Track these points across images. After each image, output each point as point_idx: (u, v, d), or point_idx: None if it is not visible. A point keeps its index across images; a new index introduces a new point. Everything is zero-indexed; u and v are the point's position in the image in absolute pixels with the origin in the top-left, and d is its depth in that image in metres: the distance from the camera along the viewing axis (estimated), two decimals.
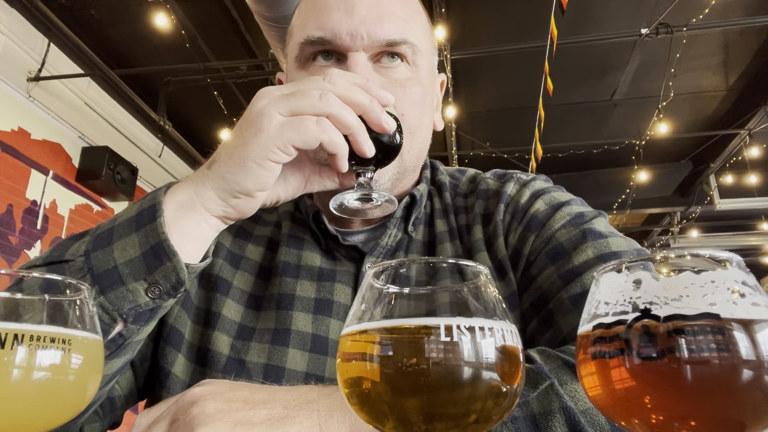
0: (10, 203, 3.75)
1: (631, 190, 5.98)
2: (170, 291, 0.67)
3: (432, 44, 0.95)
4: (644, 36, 3.85)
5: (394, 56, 0.84)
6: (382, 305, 0.39)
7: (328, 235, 0.88)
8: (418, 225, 0.93)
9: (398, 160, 0.83)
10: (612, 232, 0.80)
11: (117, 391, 0.82)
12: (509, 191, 0.91)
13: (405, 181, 0.91)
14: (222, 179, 0.69)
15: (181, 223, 0.68)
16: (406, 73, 0.85)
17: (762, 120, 5.13)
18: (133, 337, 0.69)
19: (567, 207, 0.85)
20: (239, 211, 0.72)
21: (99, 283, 0.65)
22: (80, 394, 0.46)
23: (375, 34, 0.81)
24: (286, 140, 0.66)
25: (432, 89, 0.93)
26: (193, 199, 0.69)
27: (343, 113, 0.67)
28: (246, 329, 0.84)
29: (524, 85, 4.75)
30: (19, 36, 3.87)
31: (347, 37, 0.80)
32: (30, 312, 0.44)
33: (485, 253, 0.86)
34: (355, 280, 0.87)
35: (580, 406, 0.54)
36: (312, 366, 0.81)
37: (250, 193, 0.70)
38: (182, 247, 0.67)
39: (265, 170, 0.67)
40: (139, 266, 0.66)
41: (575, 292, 0.74)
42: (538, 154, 3.99)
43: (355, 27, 0.80)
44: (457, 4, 4.11)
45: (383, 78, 0.83)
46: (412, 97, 0.84)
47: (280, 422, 0.52)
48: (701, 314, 0.33)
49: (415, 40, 0.85)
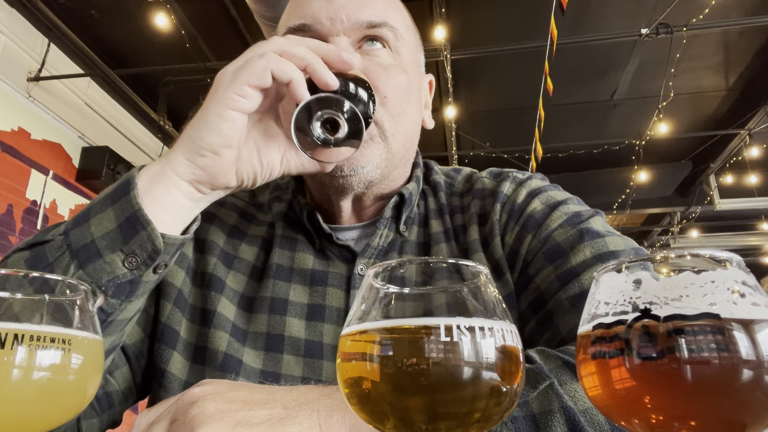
0: (10, 203, 3.75)
1: (631, 190, 5.98)
2: (147, 261, 0.68)
3: (416, 42, 0.96)
4: (644, 36, 3.85)
5: (375, 41, 0.85)
6: (382, 305, 0.39)
7: (322, 234, 0.88)
8: (412, 225, 0.93)
9: (383, 145, 0.83)
10: (609, 231, 0.80)
11: (114, 386, 0.82)
12: (505, 190, 0.90)
13: (394, 174, 0.90)
14: (188, 139, 0.71)
15: (153, 193, 0.69)
16: (388, 59, 0.86)
17: (762, 120, 5.13)
18: (116, 315, 0.69)
19: (564, 206, 0.85)
20: (208, 173, 0.71)
21: (77, 257, 0.66)
22: (80, 394, 0.46)
23: (355, 17, 0.83)
24: (238, 83, 0.68)
25: (418, 83, 0.93)
26: (163, 167, 0.71)
27: (283, 64, 0.68)
28: (239, 330, 0.83)
29: (524, 85, 4.75)
30: (19, 36, 3.87)
31: (327, 21, 0.82)
32: (30, 312, 0.44)
33: (482, 254, 0.86)
34: (348, 282, 0.86)
35: (579, 406, 0.54)
36: (308, 371, 0.81)
37: (215, 150, 0.70)
38: (156, 216, 0.68)
39: (225, 121, 0.68)
40: (115, 238, 0.67)
41: (573, 292, 0.73)
42: (538, 154, 3.99)
43: (335, 11, 0.82)
44: (457, 4, 4.11)
45: (365, 60, 0.83)
46: (395, 81, 0.85)
47: (280, 422, 0.52)
48: (701, 314, 0.33)
49: (396, 24, 0.86)
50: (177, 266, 0.86)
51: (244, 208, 0.98)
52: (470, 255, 0.86)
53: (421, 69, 0.97)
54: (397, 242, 0.90)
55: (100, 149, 4.37)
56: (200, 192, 0.73)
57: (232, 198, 0.99)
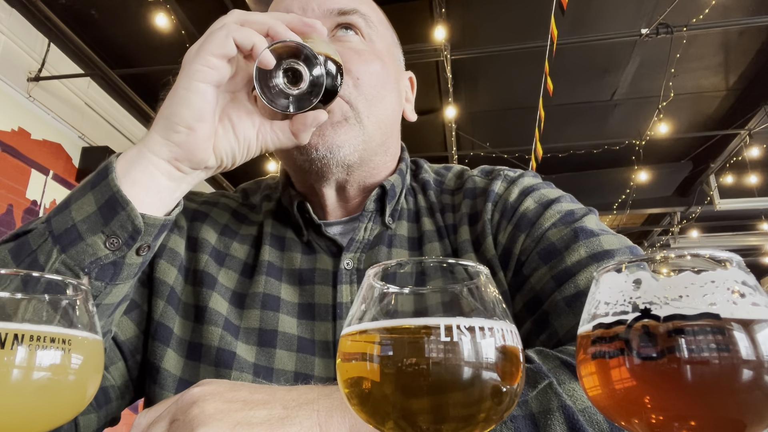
0: (11, 203, 3.75)
1: (631, 190, 5.98)
2: (128, 241, 0.68)
3: (392, 38, 0.99)
4: (644, 36, 3.85)
5: (348, 29, 0.88)
6: (382, 305, 0.39)
7: (310, 225, 0.89)
8: (401, 220, 0.93)
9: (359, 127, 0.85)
10: (603, 229, 0.80)
11: (110, 381, 0.82)
12: (497, 189, 0.90)
13: (375, 162, 0.90)
14: (162, 118, 0.72)
15: (131, 174, 0.70)
16: (361, 45, 0.88)
17: (762, 120, 5.12)
18: (101, 298, 0.69)
19: (557, 204, 0.84)
20: (185, 149, 0.71)
21: (60, 242, 0.66)
22: (80, 394, 0.46)
23: (325, 5, 0.87)
24: (203, 54, 0.69)
25: (395, 73, 0.94)
26: (140, 149, 0.72)
27: (244, 31, 0.70)
28: (231, 325, 0.84)
29: (524, 85, 4.75)
30: (19, 36, 3.87)
31: (299, 11, 0.85)
32: (30, 312, 0.44)
33: (473, 254, 0.86)
34: (334, 278, 0.87)
35: (578, 405, 0.54)
36: (300, 365, 0.81)
37: (188, 125, 0.70)
38: (135, 197, 0.68)
39: (194, 93, 0.70)
40: (95, 220, 0.67)
41: (569, 293, 0.73)
42: (538, 154, 3.99)
43: (306, 1, 0.86)
44: (457, 4, 4.11)
45: (338, 45, 0.85)
46: (369, 65, 0.86)
47: (280, 422, 0.52)
48: (701, 314, 0.33)
49: (367, 11, 0.89)
50: (169, 264, 0.86)
51: (237, 208, 0.99)
52: (461, 256, 0.86)
53: (400, 65, 1.00)
54: (384, 236, 0.90)
55: (100, 149, 4.37)
56: (180, 171, 0.73)
57: (225, 199, 1.01)
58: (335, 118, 0.83)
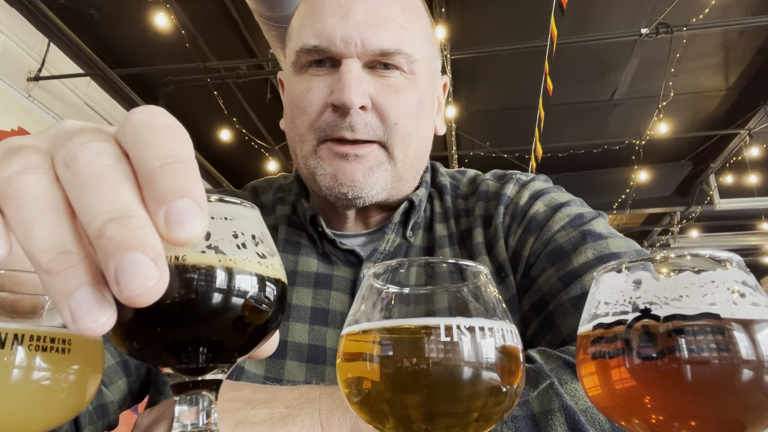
0: None
1: (631, 190, 5.98)
2: None
3: (433, 48, 0.93)
4: (644, 36, 3.85)
5: (388, 66, 0.83)
6: (382, 305, 0.39)
7: (325, 238, 0.88)
8: (417, 230, 0.93)
9: (392, 170, 0.82)
10: (611, 233, 0.80)
11: (108, 397, 0.82)
12: (509, 193, 0.90)
13: (403, 188, 0.90)
14: None
15: None
16: (401, 80, 0.84)
17: (762, 120, 5.13)
18: None
19: (566, 208, 0.85)
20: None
21: None
22: (80, 394, 0.46)
23: (369, 42, 0.80)
24: None
25: (431, 94, 0.91)
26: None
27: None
28: None
29: (524, 85, 4.75)
30: (19, 36, 3.87)
31: (341, 44, 0.80)
32: (30, 312, 0.44)
33: (486, 257, 0.86)
34: (353, 286, 0.86)
35: (580, 405, 0.54)
36: (311, 375, 0.81)
37: None
38: None
39: None
40: None
41: (575, 293, 0.73)
42: (538, 154, 3.99)
43: (349, 33, 0.80)
44: (457, 4, 4.11)
45: (377, 82, 0.82)
46: (407, 104, 0.83)
47: (282, 421, 0.52)
48: (701, 314, 0.33)
49: (410, 49, 0.83)
50: None
51: None
52: (475, 258, 0.86)
53: (437, 73, 0.96)
54: (402, 247, 0.90)
55: None
56: None
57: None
58: (369, 164, 0.81)
